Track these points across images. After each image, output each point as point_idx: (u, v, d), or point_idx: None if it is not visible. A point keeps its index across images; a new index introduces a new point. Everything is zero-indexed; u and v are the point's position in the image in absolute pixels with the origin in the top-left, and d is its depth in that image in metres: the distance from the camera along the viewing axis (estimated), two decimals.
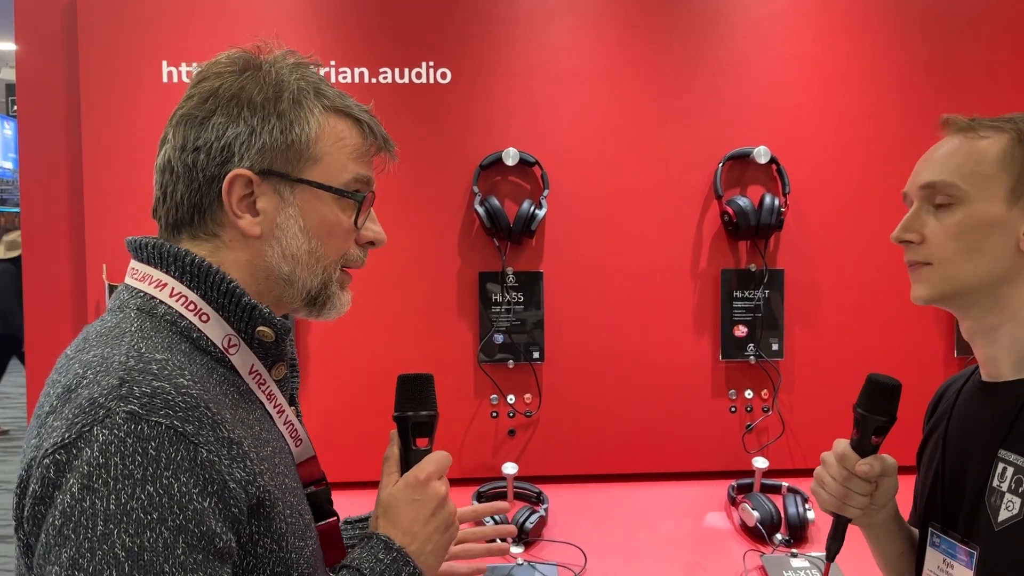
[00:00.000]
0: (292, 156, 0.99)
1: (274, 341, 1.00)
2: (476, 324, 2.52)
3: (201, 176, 0.98)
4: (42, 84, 2.49)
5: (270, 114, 0.98)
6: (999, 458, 1.11)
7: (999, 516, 1.09)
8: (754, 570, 2.12)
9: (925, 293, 1.17)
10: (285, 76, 1.01)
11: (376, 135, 1.07)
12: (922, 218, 1.16)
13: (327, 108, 1.02)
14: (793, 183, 2.51)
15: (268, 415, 1.02)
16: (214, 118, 0.97)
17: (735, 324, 2.55)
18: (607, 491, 2.50)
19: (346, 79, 2.48)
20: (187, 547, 0.81)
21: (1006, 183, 1.11)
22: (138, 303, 0.96)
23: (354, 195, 1.04)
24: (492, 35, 2.52)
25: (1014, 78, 2.57)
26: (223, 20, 2.41)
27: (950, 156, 1.15)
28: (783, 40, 2.56)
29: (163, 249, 0.98)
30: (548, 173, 2.48)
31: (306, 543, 0.98)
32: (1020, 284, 1.12)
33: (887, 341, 2.55)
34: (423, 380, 1.15)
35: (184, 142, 0.98)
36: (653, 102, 2.54)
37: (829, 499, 1.26)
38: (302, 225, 1.01)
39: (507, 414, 2.53)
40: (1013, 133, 1.13)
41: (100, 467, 0.80)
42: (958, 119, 1.18)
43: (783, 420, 2.55)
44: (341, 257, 1.06)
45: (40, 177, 2.50)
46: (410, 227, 2.50)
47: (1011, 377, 1.14)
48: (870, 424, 1.22)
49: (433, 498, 1.09)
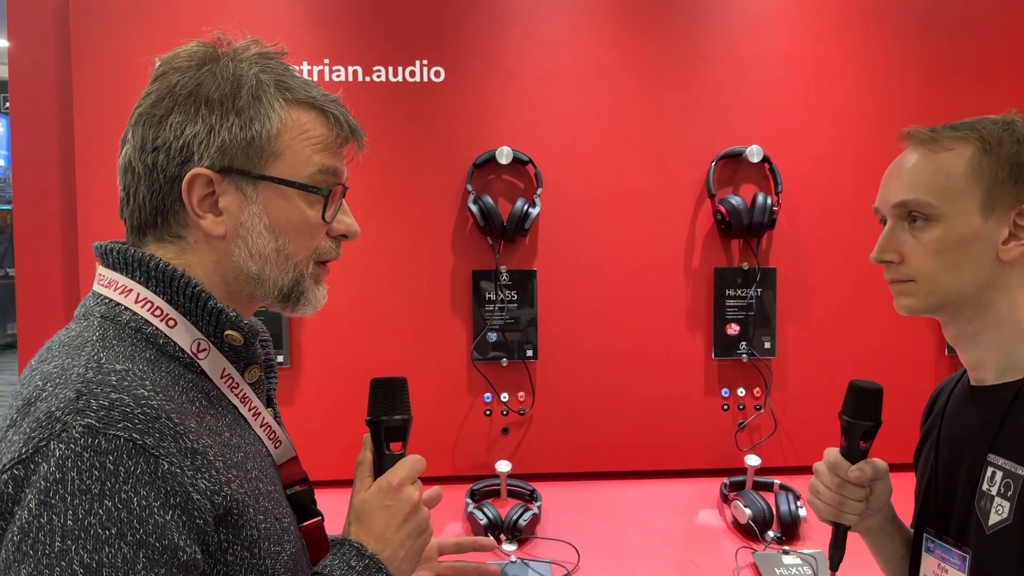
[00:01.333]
0: (253, 153, 0.96)
1: (243, 344, 0.99)
2: (470, 322, 2.52)
3: (162, 177, 0.95)
4: (34, 81, 2.48)
5: (228, 111, 0.95)
6: (988, 462, 1.11)
7: (989, 520, 1.10)
8: (746, 567, 2.13)
9: (910, 304, 1.17)
10: (244, 70, 0.97)
11: (343, 124, 1.02)
12: (899, 236, 1.16)
13: (289, 101, 0.98)
14: (786, 182, 2.52)
15: (242, 419, 1.00)
16: (172, 117, 0.95)
17: (728, 322, 2.55)
18: (600, 489, 2.51)
19: (340, 77, 2.48)
20: (148, 562, 0.80)
21: (978, 196, 1.11)
22: (102, 310, 0.95)
23: (319, 189, 1.00)
24: (486, 33, 2.52)
25: (1008, 77, 2.58)
26: (216, 18, 2.40)
27: (919, 173, 1.15)
28: (776, 39, 2.57)
29: (127, 254, 0.96)
30: (542, 171, 2.49)
31: (283, 548, 0.97)
32: (1001, 291, 1.13)
33: (879, 339, 2.57)
34: (396, 384, 1.13)
35: (143, 142, 0.96)
36: (647, 101, 2.54)
37: (825, 508, 1.25)
38: (267, 223, 0.98)
39: (501, 412, 2.53)
40: (978, 143, 1.13)
41: (57, 482, 0.79)
42: (919, 132, 1.17)
43: (775, 418, 2.56)
44: (313, 252, 1.03)
45: (32, 175, 2.50)
46: (404, 225, 2.50)
47: (996, 381, 1.15)
48: (857, 430, 1.22)
49: (406, 503, 1.07)
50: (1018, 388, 1.11)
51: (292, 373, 2.48)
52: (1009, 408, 1.11)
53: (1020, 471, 1.07)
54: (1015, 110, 1.18)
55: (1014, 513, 1.06)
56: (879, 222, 1.22)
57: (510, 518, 2.23)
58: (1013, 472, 1.08)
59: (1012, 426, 1.11)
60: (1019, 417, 1.10)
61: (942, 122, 1.18)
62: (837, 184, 2.57)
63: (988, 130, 1.13)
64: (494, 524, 2.22)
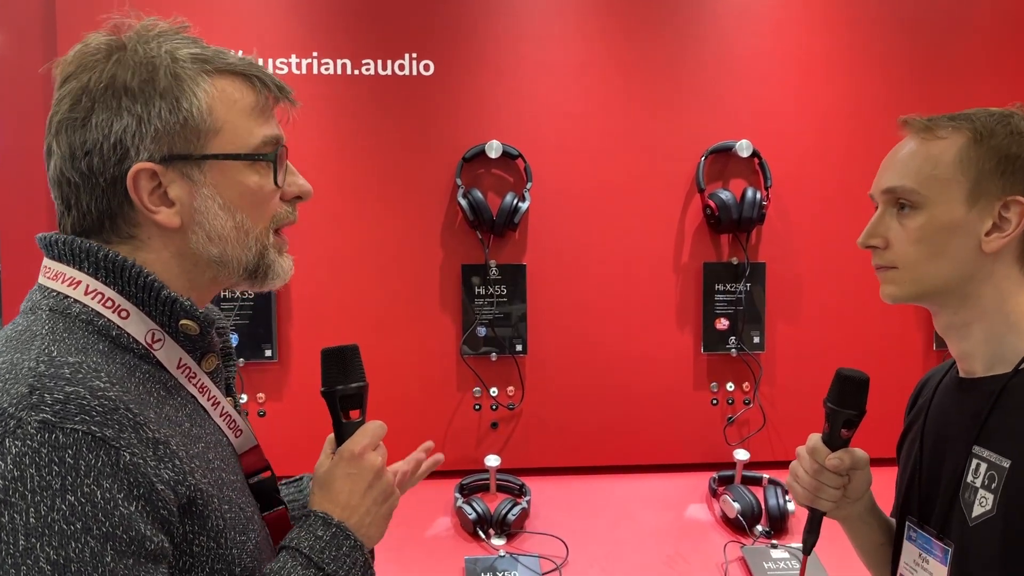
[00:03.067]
0: (190, 134, 0.92)
1: (199, 334, 0.96)
2: (459, 317, 2.52)
3: (102, 180, 0.91)
4: (20, 76, 2.46)
5: (151, 96, 0.91)
6: (973, 454, 1.12)
7: (973, 512, 1.10)
8: (735, 561, 2.13)
9: (893, 292, 1.18)
10: (155, 51, 0.93)
11: (269, 85, 0.98)
12: (886, 222, 1.17)
13: (209, 72, 0.94)
14: (775, 177, 2.53)
15: (201, 409, 0.98)
16: (94, 116, 0.91)
17: (717, 317, 2.56)
18: (589, 483, 2.51)
19: (328, 71, 2.46)
20: (116, 553, 0.80)
21: (964, 186, 1.11)
22: (50, 303, 0.92)
23: (266, 156, 0.97)
24: (475, 27, 2.51)
25: (996, 73, 2.59)
26: (204, 12, 2.39)
27: (909, 160, 1.16)
28: (766, 34, 2.57)
29: (74, 245, 0.93)
30: (531, 166, 2.48)
31: (248, 537, 0.97)
32: (987, 283, 1.13)
33: (867, 334, 2.57)
34: (347, 351, 1.12)
35: (71, 149, 0.91)
36: (636, 95, 2.54)
37: (803, 493, 1.27)
38: (221, 202, 0.95)
39: (490, 407, 2.53)
40: (970, 133, 1.13)
41: (15, 480, 0.77)
42: (916, 120, 1.17)
43: (764, 412, 2.57)
44: (270, 221, 1.00)
45: (18, 171, 2.47)
46: (393, 219, 2.49)
47: (984, 373, 1.15)
48: (839, 418, 1.23)
49: (369, 470, 1.06)
50: (1005, 381, 1.11)
51: (280, 367, 2.47)
52: (996, 401, 1.11)
53: (1004, 463, 1.07)
54: (1020, 104, 1.17)
55: (998, 505, 1.06)
56: (874, 208, 1.22)
57: (499, 512, 2.23)
58: (997, 464, 1.08)
59: (998, 418, 1.11)
60: (1005, 409, 1.10)
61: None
62: (826, 179, 2.57)
63: (982, 121, 1.13)
64: (483, 518, 2.22)
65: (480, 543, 2.21)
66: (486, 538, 2.20)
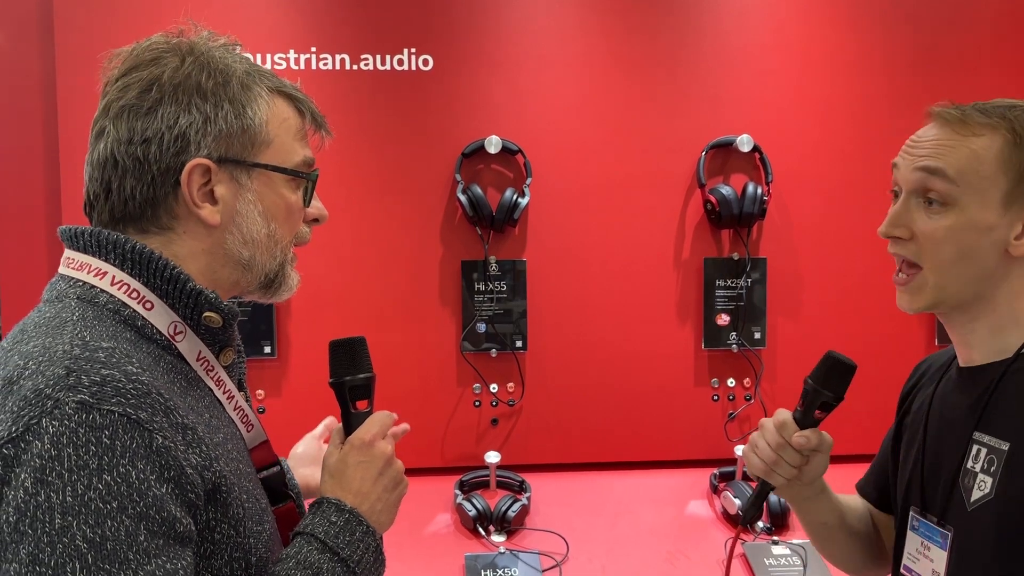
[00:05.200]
0: (247, 141, 0.99)
1: (221, 327, 0.99)
2: (459, 313, 2.51)
3: (155, 168, 0.95)
4: (17, 74, 2.45)
5: (222, 99, 0.97)
6: (973, 440, 1.12)
7: (972, 496, 1.10)
8: (736, 557, 2.13)
9: (914, 305, 1.15)
10: (228, 59, 0.99)
11: (313, 115, 1.07)
12: (912, 213, 1.13)
13: (271, 90, 1.02)
14: (776, 172, 2.52)
15: (217, 402, 1.01)
16: (162, 108, 0.95)
17: (718, 313, 2.55)
18: (589, 479, 2.51)
19: (327, 66, 2.46)
20: (149, 533, 0.81)
21: (1002, 187, 1.08)
22: (78, 292, 0.94)
23: (307, 175, 1.05)
24: (475, 22, 2.50)
25: (998, 67, 2.58)
26: (201, 7, 2.38)
27: (947, 148, 1.10)
28: (767, 28, 2.56)
29: (101, 237, 0.95)
30: (531, 161, 2.47)
31: (263, 527, 0.99)
32: (1005, 283, 1.11)
33: (869, 329, 2.56)
34: (355, 343, 1.16)
35: (131, 134, 0.95)
36: (636, 90, 2.53)
37: (758, 463, 1.25)
38: (261, 209, 1.01)
39: (490, 403, 2.53)
40: (1008, 134, 1.09)
41: (53, 459, 0.78)
42: (948, 111, 1.12)
43: (765, 408, 2.56)
44: (294, 236, 1.07)
45: (15, 167, 2.47)
46: (392, 215, 2.48)
47: (984, 361, 1.14)
48: (817, 398, 1.21)
49: (379, 458, 1.09)
50: (1006, 367, 1.11)
51: (280, 364, 2.46)
52: (996, 386, 1.11)
53: (1003, 446, 1.07)
54: None
55: (996, 488, 1.07)
56: (890, 192, 1.18)
57: (499, 509, 2.22)
58: (996, 448, 1.08)
59: (997, 403, 1.11)
60: (1005, 394, 1.10)
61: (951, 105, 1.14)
62: (828, 174, 2.56)
63: (1020, 120, 1.10)
64: (483, 515, 2.21)
65: (480, 540, 2.21)
66: (486, 535, 2.20)
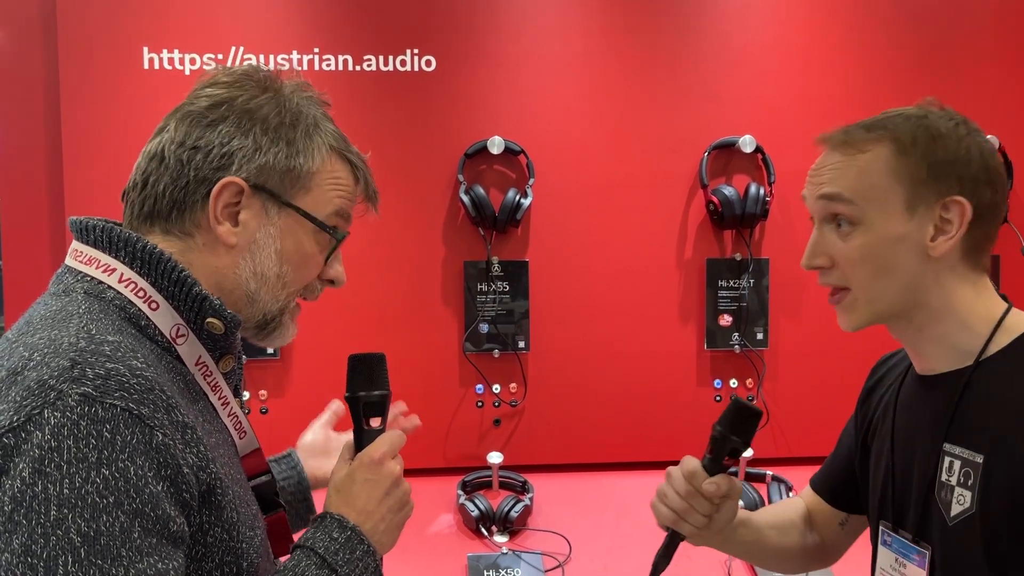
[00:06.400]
0: (288, 181, 1.01)
1: (223, 334, 0.99)
2: (461, 314, 2.51)
3: (192, 174, 0.97)
4: (20, 71, 2.45)
5: (280, 138, 1.00)
6: (944, 452, 1.10)
7: (951, 511, 1.08)
8: (737, 559, 2.13)
9: (853, 323, 1.16)
10: (305, 108, 1.03)
11: (367, 187, 1.09)
12: (828, 239, 1.15)
13: (333, 148, 1.04)
14: (778, 172, 2.52)
15: (211, 407, 1.01)
16: (223, 125, 0.98)
17: (720, 313, 2.55)
18: (592, 480, 2.51)
19: (330, 66, 2.46)
20: (143, 531, 0.81)
21: (900, 195, 1.09)
22: (85, 287, 0.95)
23: (334, 231, 1.05)
24: (477, 23, 2.50)
25: (1002, 65, 2.58)
26: (205, 6, 2.39)
27: (840, 172, 1.13)
28: (769, 29, 2.56)
29: (112, 233, 0.96)
30: (534, 162, 2.47)
31: (255, 533, 0.99)
32: (936, 286, 1.11)
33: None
34: (374, 359, 1.15)
35: (185, 138, 0.98)
36: (639, 91, 2.53)
37: (667, 513, 1.24)
38: (278, 248, 1.02)
39: (492, 403, 2.53)
40: (892, 144, 1.10)
41: (52, 451, 0.78)
42: (833, 136, 1.15)
43: (768, 409, 2.56)
44: (303, 287, 1.07)
45: (19, 165, 2.47)
46: (395, 216, 2.48)
47: (944, 369, 1.13)
48: (726, 445, 1.20)
49: (387, 478, 1.08)
50: (968, 374, 1.09)
51: (282, 365, 2.46)
52: (961, 396, 1.09)
53: (977, 458, 1.05)
54: (929, 99, 1.16)
55: (977, 502, 1.05)
56: (808, 220, 1.20)
57: (502, 510, 2.22)
58: (971, 460, 1.06)
59: (964, 413, 1.09)
60: (970, 403, 1.09)
61: None
62: None
63: (901, 128, 1.11)
64: (485, 516, 2.21)
65: (483, 540, 2.21)
66: (489, 535, 2.20)
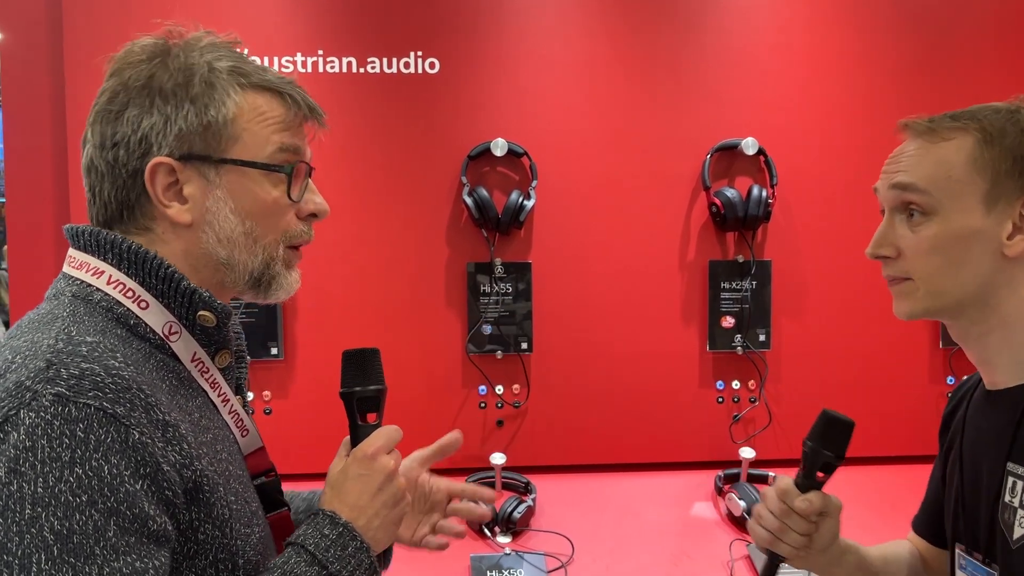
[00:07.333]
0: (211, 138, 0.97)
1: (216, 326, 0.99)
2: (464, 315, 2.52)
3: (124, 171, 0.96)
4: (26, 73, 2.47)
5: (183, 100, 0.96)
6: (1008, 471, 1.05)
7: (1014, 534, 1.04)
8: (740, 559, 2.13)
9: (909, 308, 1.11)
10: (195, 59, 0.98)
11: (300, 104, 1.03)
12: (896, 230, 1.11)
13: (244, 86, 0.99)
14: (781, 174, 2.52)
15: (211, 404, 1.00)
16: (128, 111, 0.96)
17: (722, 315, 2.55)
18: (595, 481, 2.51)
19: (334, 69, 2.47)
20: (119, 529, 0.81)
21: (980, 188, 1.05)
22: (73, 290, 0.95)
23: (281, 168, 1.01)
24: (481, 25, 2.51)
25: (1003, 69, 2.58)
26: (209, 9, 2.40)
27: (918, 161, 1.09)
28: (772, 31, 2.56)
29: (100, 236, 0.97)
30: (537, 163, 2.48)
31: (252, 530, 0.98)
32: (1007, 289, 1.06)
33: (873, 332, 2.56)
34: (368, 354, 1.13)
35: (103, 139, 0.97)
36: (642, 93, 2.54)
37: (764, 535, 1.18)
38: (233, 207, 0.99)
39: (495, 405, 2.53)
40: (978, 134, 1.06)
41: (27, 450, 0.79)
42: (917, 122, 1.11)
43: (770, 410, 2.56)
44: (282, 235, 1.03)
45: (25, 167, 2.48)
46: (398, 217, 2.49)
47: (1010, 384, 1.08)
48: (819, 459, 1.15)
49: (380, 472, 1.06)
50: None
51: (286, 366, 2.47)
52: (1023, 413, 1.04)
53: None
54: (1022, 96, 1.11)
55: None
56: (879, 212, 1.16)
57: (505, 511, 2.23)
58: None
59: None
60: None
61: (937, 113, 1.13)
62: (832, 176, 2.56)
63: (990, 120, 1.07)
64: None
65: (486, 541, 2.21)
66: (492, 536, 2.20)
